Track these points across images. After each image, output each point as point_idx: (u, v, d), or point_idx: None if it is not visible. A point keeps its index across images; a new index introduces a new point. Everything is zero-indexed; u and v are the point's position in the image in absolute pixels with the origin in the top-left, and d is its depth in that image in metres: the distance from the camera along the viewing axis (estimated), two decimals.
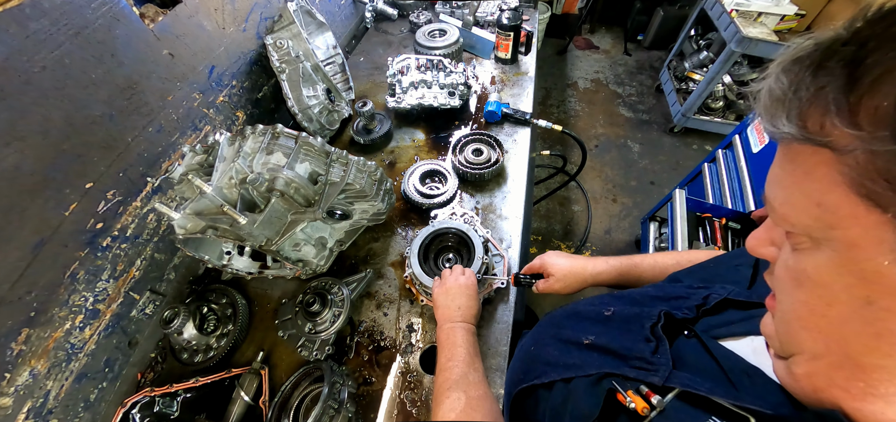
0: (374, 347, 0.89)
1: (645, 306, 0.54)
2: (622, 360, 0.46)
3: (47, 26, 0.68)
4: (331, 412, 0.72)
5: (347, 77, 1.49)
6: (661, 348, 0.45)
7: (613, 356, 0.48)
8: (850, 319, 0.28)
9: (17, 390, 0.70)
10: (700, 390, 0.38)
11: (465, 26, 1.69)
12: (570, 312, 0.64)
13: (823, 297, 0.29)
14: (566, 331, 0.59)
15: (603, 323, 0.56)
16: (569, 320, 0.62)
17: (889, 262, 0.24)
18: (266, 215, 0.78)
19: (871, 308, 0.26)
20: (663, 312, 0.50)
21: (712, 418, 0.36)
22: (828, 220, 0.27)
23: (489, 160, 1.18)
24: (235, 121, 1.17)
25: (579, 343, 0.53)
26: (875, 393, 0.28)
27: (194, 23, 1.00)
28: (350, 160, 0.89)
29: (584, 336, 0.54)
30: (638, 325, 0.50)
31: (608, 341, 0.51)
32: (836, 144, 0.25)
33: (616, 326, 0.54)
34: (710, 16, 2.62)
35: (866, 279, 0.26)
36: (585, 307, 0.63)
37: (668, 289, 0.58)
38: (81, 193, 0.76)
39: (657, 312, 0.50)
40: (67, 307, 0.77)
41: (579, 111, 3.35)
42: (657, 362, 0.44)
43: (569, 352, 0.53)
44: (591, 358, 0.49)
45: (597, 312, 0.59)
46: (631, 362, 0.45)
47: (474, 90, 1.49)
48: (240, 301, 0.95)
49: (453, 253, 0.99)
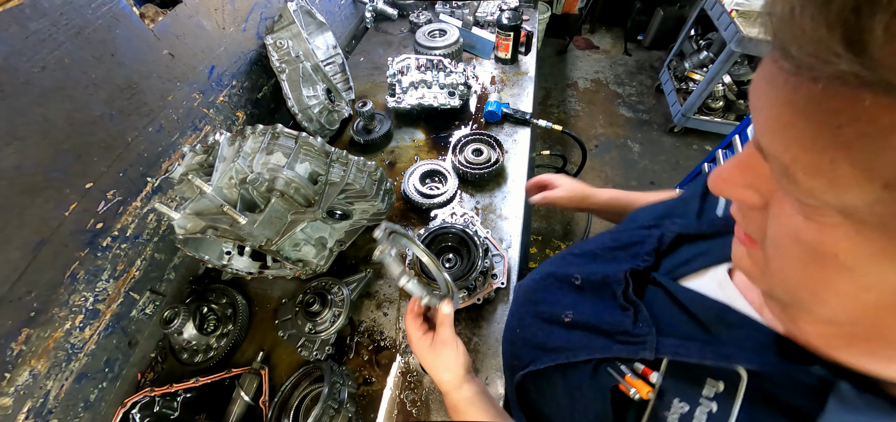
0: (374, 347, 0.89)
1: (608, 264, 0.53)
2: (608, 337, 0.45)
3: (47, 26, 0.68)
4: (331, 412, 0.72)
5: (347, 77, 1.49)
6: (640, 316, 0.44)
7: (598, 334, 0.47)
8: (886, 308, 0.22)
9: (17, 390, 0.70)
10: (690, 359, 0.37)
11: (465, 26, 1.69)
12: (541, 279, 0.63)
13: (857, 282, 0.23)
14: (543, 306, 0.57)
15: (575, 293, 0.55)
16: (543, 291, 0.60)
17: None
18: (266, 215, 0.78)
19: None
20: (628, 273, 0.48)
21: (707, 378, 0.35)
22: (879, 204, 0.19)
23: (489, 160, 1.18)
24: (235, 121, 1.17)
25: (561, 321, 0.52)
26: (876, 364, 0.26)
27: (194, 23, 1.00)
28: (350, 160, 0.89)
29: (563, 312, 0.53)
30: (608, 293, 0.50)
31: (588, 316, 0.50)
32: None
33: (589, 295, 0.53)
34: (710, 16, 2.62)
35: None
36: (555, 268, 0.62)
37: (624, 236, 0.57)
38: (81, 193, 0.76)
39: (622, 272, 0.49)
40: (67, 307, 0.77)
41: (579, 111, 3.35)
42: (641, 332, 0.42)
43: (553, 332, 0.53)
44: (576, 338, 0.48)
45: (566, 276, 0.58)
46: (617, 338, 0.44)
47: (474, 90, 1.49)
48: (240, 301, 0.95)
49: (453, 253, 0.99)
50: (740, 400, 0.33)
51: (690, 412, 0.35)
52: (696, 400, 0.35)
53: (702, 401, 0.35)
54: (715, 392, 0.35)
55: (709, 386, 0.35)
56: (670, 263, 0.48)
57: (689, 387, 0.36)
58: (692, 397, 0.35)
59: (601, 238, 0.62)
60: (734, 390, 0.33)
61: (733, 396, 0.33)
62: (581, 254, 0.61)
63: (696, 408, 0.35)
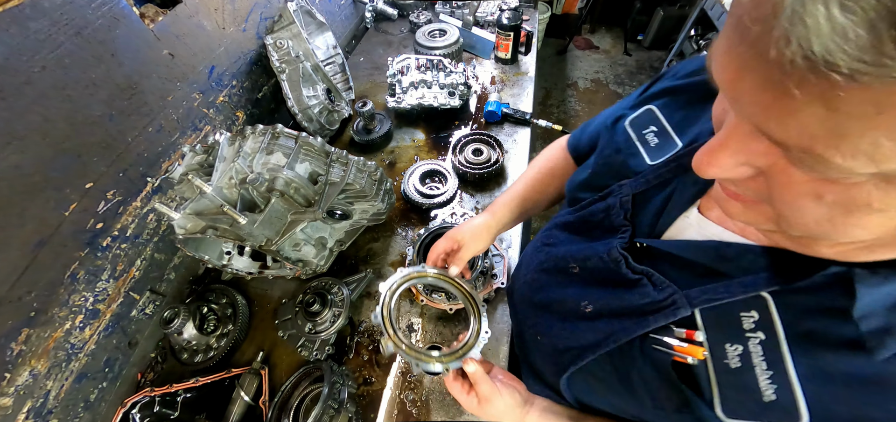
0: (374, 347, 0.89)
1: (593, 244, 0.54)
2: (639, 315, 0.45)
3: (47, 26, 0.68)
4: (331, 412, 0.72)
5: (347, 77, 1.49)
6: (656, 282, 0.45)
7: (627, 315, 0.47)
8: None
9: (17, 390, 0.70)
10: (721, 300, 0.38)
11: (465, 26, 1.69)
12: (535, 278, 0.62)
13: (887, 215, 0.24)
14: (556, 306, 0.57)
15: (578, 282, 0.55)
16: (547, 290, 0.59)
17: None
18: (266, 215, 0.78)
19: None
20: (619, 248, 0.50)
21: (740, 314, 0.37)
22: None
23: (489, 160, 1.18)
24: (235, 121, 1.17)
25: (582, 314, 0.52)
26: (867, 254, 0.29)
27: (194, 23, 1.00)
28: (350, 160, 0.89)
29: (580, 303, 0.53)
30: (612, 273, 0.50)
31: (607, 301, 0.50)
32: None
33: (593, 282, 0.53)
34: (710, 16, 2.62)
35: None
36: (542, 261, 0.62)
37: (586, 214, 0.58)
38: (81, 193, 0.76)
39: (615, 251, 0.50)
40: (67, 307, 0.77)
41: (579, 111, 3.35)
42: (665, 295, 0.43)
43: (579, 327, 0.52)
44: (608, 326, 0.48)
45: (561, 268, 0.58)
46: (647, 311, 0.45)
47: (474, 90, 1.49)
48: (240, 301, 0.95)
49: None
50: (778, 320, 0.35)
51: (746, 350, 0.36)
52: (743, 337, 0.37)
53: (748, 336, 0.37)
54: (753, 322, 0.36)
55: (745, 320, 0.37)
56: (643, 224, 0.50)
57: (731, 328, 0.38)
58: (739, 336, 0.37)
59: (562, 218, 0.63)
60: (767, 313, 0.36)
61: (769, 319, 0.36)
62: (557, 243, 0.62)
63: (747, 343, 0.36)
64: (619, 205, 0.53)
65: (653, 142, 0.52)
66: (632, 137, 0.54)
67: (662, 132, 0.51)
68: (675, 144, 0.49)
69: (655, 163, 0.50)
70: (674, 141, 0.50)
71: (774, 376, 0.35)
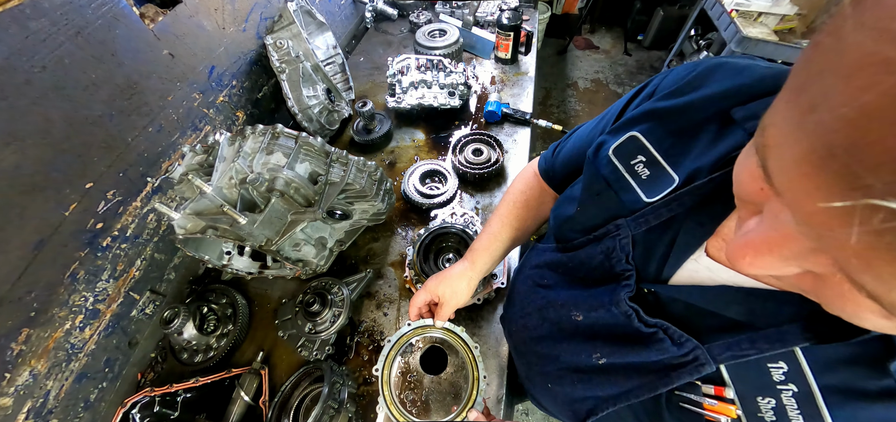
0: (374, 347, 0.89)
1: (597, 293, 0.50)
2: (660, 374, 0.43)
3: (47, 26, 0.68)
4: (331, 412, 0.72)
5: (347, 77, 1.49)
6: (672, 335, 0.42)
7: (647, 373, 0.44)
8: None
9: (17, 390, 0.70)
10: (749, 356, 0.36)
11: (465, 26, 1.69)
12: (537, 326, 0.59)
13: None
14: (566, 357, 0.54)
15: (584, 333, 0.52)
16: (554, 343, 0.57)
17: None
18: (266, 215, 0.78)
19: None
20: (627, 301, 0.46)
21: (769, 365, 0.35)
22: None
23: (489, 160, 1.18)
24: (235, 121, 1.17)
25: (595, 367, 0.50)
26: None
27: (194, 23, 1.00)
28: (350, 160, 0.89)
29: (591, 356, 0.50)
30: (623, 329, 0.47)
31: (622, 355, 0.47)
32: None
33: (599, 334, 0.50)
34: (710, 16, 2.62)
35: None
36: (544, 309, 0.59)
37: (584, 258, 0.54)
38: (81, 193, 0.76)
39: (624, 302, 0.46)
40: (67, 307, 0.77)
41: (579, 111, 3.35)
42: (687, 351, 0.41)
43: (594, 381, 0.50)
44: (628, 380, 0.46)
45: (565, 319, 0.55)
46: (668, 366, 0.42)
47: (474, 90, 1.49)
48: (240, 301, 0.95)
49: (453, 253, 0.99)
50: (809, 371, 0.34)
51: (780, 404, 0.35)
52: (774, 390, 0.35)
53: (780, 388, 0.35)
54: (783, 373, 0.35)
55: (774, 372, 0.35)
56: (648, 269, 0.46)
57: (761, 380, 0.36)
58: (770, 389, 0.36)
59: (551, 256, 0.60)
60: (797, 364, 0.34)
61: (800, 370, 0.34)
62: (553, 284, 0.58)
63: (779, 396, 0.35)
64: (619, 248, 0.49)
65: (644, 174, 0.47)
66: (619, 169, 0.49)
67: (652, 162, 0.46)
68: (670, 178, 0.44)
69: (653, 200, 0.45)
70: (668, 174, 0.45)
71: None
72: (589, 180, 0.54)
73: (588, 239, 0.53)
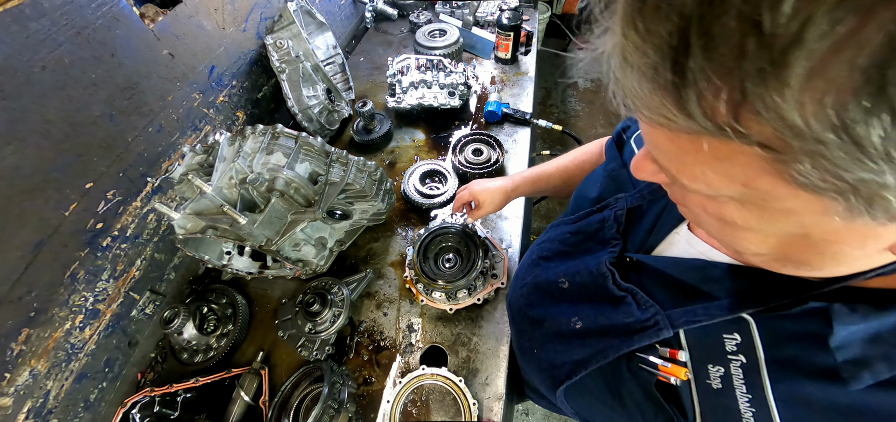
0: (374, 347, 0.89)
1: (584, 259, 0.56)
2: (624, 336, 0.46)
3: (47, 26, 0.68)
4: (331, 412, 0.72)
5: (347, 77, 1.49)
6: (639, 300, 0.46)
7: (614, 334, 0.48)
8: (790, 243, 0.27)
9: (17, 390, 0.70)
10: (702, 322, 0.39)
11: (465, 26, 1.69)
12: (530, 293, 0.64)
13: (758, 235, 0.28)
14: (549, 323, 0.59)
15: (568, 299, 0.57)
16: (540, 307, 0.62)
17: (838, 218, 0.21)
18: (266, 215, 0.78)
19: (809, 239, 0.26)
20: (608, 263, 0.51)
21: (723, 336, 0.38)
22: (757, 196, 0.24)
23: (489, 160, 1.18)
24: (235, 121, 1.17)
25: (573, 331, 0.54)
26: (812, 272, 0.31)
27: (194, 23, 1.00)
28: (350, 160, 0.89)
29: (570, 320, 0.54)
30: (599, 289, 0.51)
31: (595, 319, 0.51)
32: (765, 142, 0.19)
33: (582, 298, 0.54)
34: None
35: (805, 227, 0.25)
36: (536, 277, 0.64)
37: (583, 225, 0.60)
38: (81, 193, 0.76)
39: (604, 265, 0.51)
40: (67, 307, 0.77)
41: (579, 111, 3.35)
42: (649, 315, 0.44)
43: (572, 344, 0.54)
44: (597, 343, 0.49)
45: (553, 282, 0.60)
46: (632, 329, 0.45)
47: (474, 90, 1.49)
48: (240, 301, 0.95)
49: (453, 253, 0.99)
50: (760, 343, 0.36)
51: (727, 372, 0.37)
52: (725, 359, 0.37)
53: (730, 358, 0.37)
54: (735, 344, 0.37)
55: (728, 342, 0.38)
56: (635, 239, 0.51)
57: (714, 349, 0.38)
58: (721, 358, 0.38)
59: (560, 229, 0.64)
60: (750, 336, 0.36)
61: (751, 342, 0.36)
62: (552, 256, 0.63)
63: (729, 365, 0.37)
64: (613, 218, 0.54)
65: None
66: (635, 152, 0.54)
67: None
68: None
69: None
70: None
71: (753, 400, 0.35)
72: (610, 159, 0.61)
73: (592, 210, 0.59)
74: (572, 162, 0.82)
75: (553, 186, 0.85)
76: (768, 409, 0.34)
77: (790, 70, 0.16)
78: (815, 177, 0.19)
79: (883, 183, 0.18)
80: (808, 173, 0.19)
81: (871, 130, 0.16)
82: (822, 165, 0.18)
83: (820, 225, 0.24)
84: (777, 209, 0.24)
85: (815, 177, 0.19)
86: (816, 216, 0.23)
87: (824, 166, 0.18)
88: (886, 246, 0.24)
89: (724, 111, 0.19)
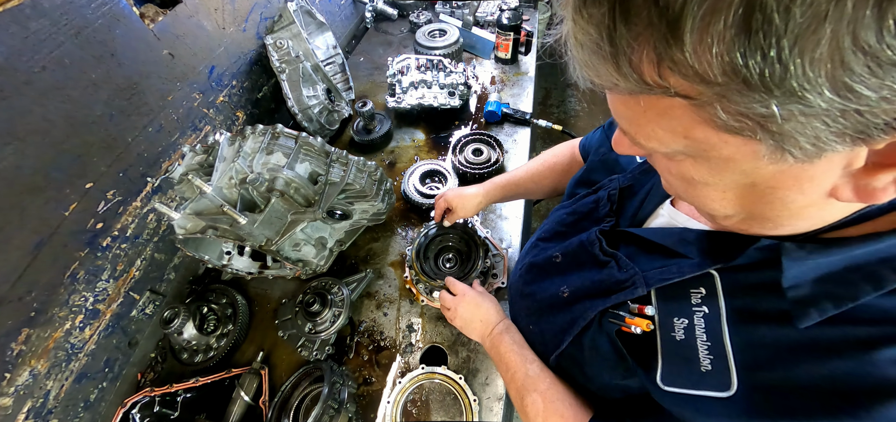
0: (374, 347, 0.89)
1: (580, 234, 0.60)
2: (602, 295, 0.50)
3: (47, 26, 0.68)
4: (331, 412, 0.72)
5: (347, 77, 1.49)
6: (621, 263, 0.50)
7: (594, 296, 0.51)
8: (744, 195, 0.30)
9: (18, 390, 0.70)
10: (673, 278, 0.42)
11: (465, 26, 1.69)
12: (526, 271, 0.68)
13: (716, 189, 0.31)
14: (541, 295, 0.62)
15: (560, 271, 0.60)
16: (534, 284, 0.65)
17: (767, 160, 0.25)
18: (266, 215, 0.78)
19: (757, 188, 0.29)
20: (596, 232, 0.56)
21: (690, 291, 0.41)
22: (699, 147, 0.27)
23: (489, 160, 1.18)
24: (235, 121, 1.17)
25: (561, 299, 0.57)
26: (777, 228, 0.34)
27: (194, 23, 1.00)
28: (350, 160, 0.89)
29: (559, 290, 0.57)
30: (587, 256, 0.55)
31: (580, 283, 0.55)
32: (684, 93, 0.23)
33: (572, 267, 0.58)
34: None
35: (748, 175, 0.28)
36: (533, 258, 0.67)
37: (578, 206, 0.65)
38: (81, 193, 0.76)
39: (593, 236, 0.56)
40: (67, 307, 0.77)
41: (579, 111, 3.35)
42: (627, 275, 0.48)
43: (560, 313, 0.56)
44: (580, 307, 0.53)
45: (547, 260, 0.63)
46: (610, 289, 0.49)
47: (474, 90, 1.49)
48: (240, 301, 0.95)
49: (453, 253, 0.99)
50: (722, 295, 0.39)
51: (690, 324, 0.40)
52: (689, 312, 0.40)
53: (694, 310, 0.40)
54: (700, 298, 0.40)
55: (694, 296, 0.41)
56: (627, 215, 0.56)
57: (680, 303, 0.41)
58: (686, 311, 0.41)
59: (558, 213, 0.69)
60: (714, 289, 0.39)
61: (715, 295, 0.39)
62: (550, 237, 0.68)
63: (692, 317, 0.40)
64: (607, 198, 0.59)
65: None
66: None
67: None
68: None
69: (642, 160, 0.57)
70: None
71: (712, 348, 0.38)
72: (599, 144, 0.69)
73: (587, 192, 0.64)
74: (542, 165, 0.88)
75: (524, 189, 0.91)
76: (725, 355, 0.37)
77: (683, 30, 0.20)
78: (729, 118, 0.23)
79: (771, 114, 0.21)
80: (722, 115, 0.23)
81: (751, 67, 0.19)
82: (728, 106, 0.22)
83: (758, 170, 0.27)
84: (718, 158, 0.27)
85: (729, 118, 0.23)
86: (751, 162, 0.26)
87: (731, 108, 0.22)
88: (826, 191, 0.27)
89: (649, 71, 0.23)
